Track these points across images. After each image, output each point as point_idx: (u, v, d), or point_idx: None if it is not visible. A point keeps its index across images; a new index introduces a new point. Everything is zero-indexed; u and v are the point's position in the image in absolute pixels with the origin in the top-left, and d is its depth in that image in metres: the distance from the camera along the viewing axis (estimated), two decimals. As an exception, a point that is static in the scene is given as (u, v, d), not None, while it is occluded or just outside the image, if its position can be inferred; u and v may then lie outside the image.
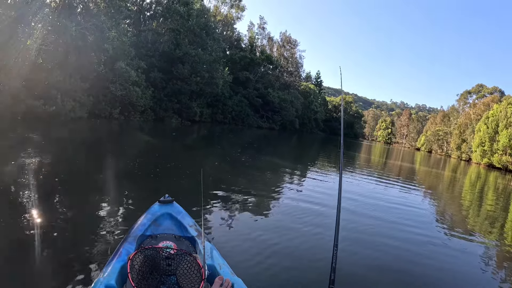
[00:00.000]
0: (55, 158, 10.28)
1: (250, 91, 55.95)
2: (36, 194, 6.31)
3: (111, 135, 19.52)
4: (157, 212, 3.76)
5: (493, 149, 74.51)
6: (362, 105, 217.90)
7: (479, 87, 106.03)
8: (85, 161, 10.57)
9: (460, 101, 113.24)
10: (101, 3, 23.07)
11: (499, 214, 14.81)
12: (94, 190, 7.37)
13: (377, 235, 7.85)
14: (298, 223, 7.27)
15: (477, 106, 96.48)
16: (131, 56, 28.82)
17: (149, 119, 30.34)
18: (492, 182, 33.34)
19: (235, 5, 58.84)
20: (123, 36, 27.81)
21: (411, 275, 5.84)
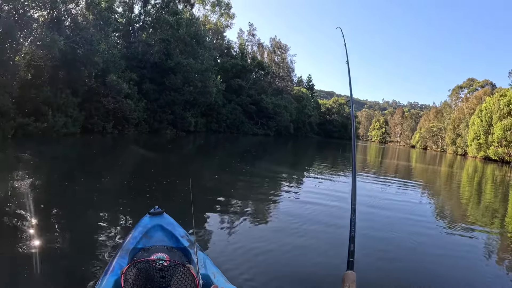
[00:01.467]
0: (45, 178, 9.87)
1: (243, 98, 55.58)
2: (26, 216, 6.12)
3: (104, 151, 19.01)
4: (148, 224, 3.76)
5: (488, 142, 74.78)
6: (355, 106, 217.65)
7: (470, 81, 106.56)
8: (77, 179, 10.15)
9: (452, 96, 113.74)
10: (89, 16, 22.60)
11: (498, 205, 14.94)
12: (86, 207, 7.26)
13: (381, 230, 8.07)
14: (293, 230, 7.12)
15: (469, 100, 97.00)
16: (122, 68, 28.34)
17: (143, 132, 29.78)
18: (489, 175, 33.54)
19: (225, 13, 58.62)
20: (113, 49, 27.38)
21: (416, 266, 6.05)
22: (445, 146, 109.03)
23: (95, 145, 20.38)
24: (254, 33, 71.66)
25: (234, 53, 63.05)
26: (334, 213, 9.25)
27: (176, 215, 4.22)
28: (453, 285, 5.44)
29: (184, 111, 36.25)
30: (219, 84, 43.76)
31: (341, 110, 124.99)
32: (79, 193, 8.51)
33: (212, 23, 57.56)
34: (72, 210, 7.06)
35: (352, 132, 3.55)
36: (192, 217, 3.52)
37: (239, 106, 54.16)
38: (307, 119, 79.79)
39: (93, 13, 23.03)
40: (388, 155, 52.95)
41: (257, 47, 73.64)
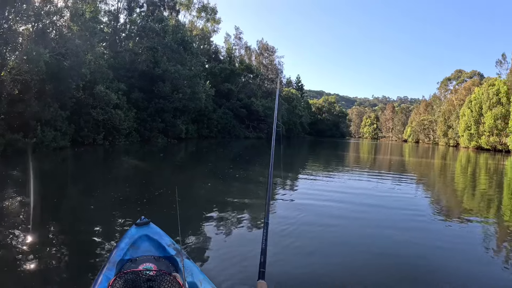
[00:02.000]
0: (35, 195, 9.47)
1: (233, 103, 55.46)
2: (16, 234, 6.16)
3: (95, 163, 18.74)
4: (135, 235, 3.76)
5: (479, 132, 75.42)
6: (345, 104, 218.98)
7: (458, 73, 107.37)
8: (67, 195, 10.04)
9: (441, 88, 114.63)
10: (74, 27, 22.34)
11: (493, 193, 15.08)
12: (76, 222, 7.27)
13: (377, 226, 8.19)
14: (283, 233, 7.03)
15: (458, 91, 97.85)
16: (110, 79, 28.12)
17: (134, 142, 29.53)
18: (483, 164, 33.96)
19: (211, 18, 58.50)
20: (100, 59, 27.15)
21: (413, 261, 6.01)
22: (437, 138, 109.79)
23: (86, 158, 20.13)
24: (241, 36, 71.73)
25: (222, 57, 62.93)
26: (328, 213, 9.20)
27: (167, 224, 4.31)
28: (453, 275, 5.49)
29: (174, 118, 36.03)
30: (208, 90, 43.62)
31: (331, 108, 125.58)
32: (69, 208, 8.50)
33: (199, 29, 57.44)
34: (62, 226, 7.05)
35: (271, 156, 3.56)
36: (178, 226, 3.25)
37: (230, 110, 54.00)
38: (298, 120, 79.88)
39: (78, 24, 22.76)
40: (381, 151, 53.07)
41: (244, 51, 73.66)
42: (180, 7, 52.58)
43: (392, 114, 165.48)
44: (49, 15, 20.95)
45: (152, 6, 38.61)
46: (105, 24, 34.45)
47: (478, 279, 5.45)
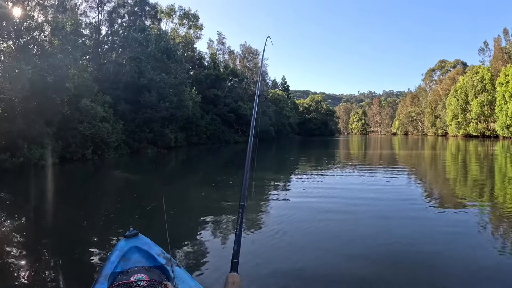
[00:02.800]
0: (24, 216, 9.55)
1: (221, 108, 55.16)
2: (6, 256, 6.03)
3: (85, 179, 18.29)
4: (124, 247, 3.77)
5: (467, 119, 76.93)
6: (332, 101, 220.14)
7: (442, 63, 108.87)
8: (57, 213, 9.69)
9: (426, 79, 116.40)
10: (55, 41, 21.95)
11: (485, 179, 15.38)
12: (68, 240, 7.19)
13: (373, 218, 8.39)
14: (274, 236, 6.98)
15: (443, 81, 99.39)
16: (95, 92, 27.65)
17: (124, 154, 29.03)
18: (472, 150, 34.74)
19: (193, 25, 58.21)
20: (84, 72, 26.73)
21: (410, 251, 6.09)
22: (425, 129, 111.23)
23: (75, 174, 19.71)
24: (224, 41, 71.50)
25: (206, 63, 62.63)
26: (320, 209, 9.34)
27: (157, 234, 4.49)
28: (451, 263, 5.56)
29: (162, 127, 35.63)
30: (194, 97, 43.33)
31: (319, 107, 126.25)
32: (59, 225, 8.39)
33: (181, 36, 57.10)
34: (52, 243, 7.04)
35: (251, 128, 3.52)
36: (167, 235, 3.20)
37: (218, 116, 53.72)
38: (287, 121, 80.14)
39: (59, 38, 22.36)
40: (371, 145, 53.62)
41: (228, 55, 73.44)
42: (162, 16, 52.30)
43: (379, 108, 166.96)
44: (30, 31, 20.58)
45: (133, 16, 38.27)
46: (87, 36, 34.01)
47: (476, 263, 5.56)
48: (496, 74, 67.60)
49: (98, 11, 36.63)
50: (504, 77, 61.46)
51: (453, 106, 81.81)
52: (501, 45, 70.74)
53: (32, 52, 21.01)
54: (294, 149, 44.93)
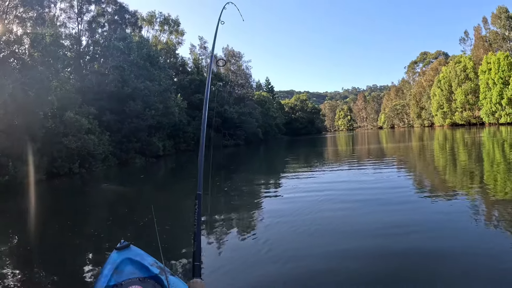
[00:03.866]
0: (11, 238, 9.16)
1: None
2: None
3: (74, 194, 17.61)
4: (116, 260, 3.71)
5: (452, 109, 78.24)
6: (317, 100, 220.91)
7: (424, 55, 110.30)
8: (46, 232, 9.36)
9: (409, 72, 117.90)
10: (35, 53, 21.32)
11: (474, 166, 15.55)
12: (59, 258, 6.99)
13: (365, 213, 8.39)
14: (268, 241, 6.81)
15: (426, 73, 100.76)
16: (79, 104, 27.01)
17: (112, 166, 28.38)
18: (459, 139, 35.36)
19: (174, 30, 57.69)
20: (66, 84, 26.09)
21: (404, 243, 6.13)
22: (411, 121, 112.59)
23: (63, 190, 19.01)
24: (206, 45, 71.06)
25: (189, 69, 62.27)
26: (311, 206, 9.35)
27: (151, 245, 4.70)
28: (447, 249, 5.69)
29: (149, 136, 35.07)
30: (180, 103, 42.82)
31: (304, 106, 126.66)
32: (49, 244, 8.12)
33: (163, 43, 56.54)
34: (44, 260, 6.93)
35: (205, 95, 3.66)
36: (159, 244, 3.32)
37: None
38: (273, 121, 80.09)
39: (39, 49, 21.72)
40: (358, 141, 53.70)
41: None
42: (143, 23, 51.70)
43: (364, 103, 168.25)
44: (9, 45, 19.96)
45: (113, 24, 37.62)
46: (68, 48, 33.31)
47: (470, 247, 5.72)
48: (478, 62, 69.01)
49: (78, 22, 35.93)
50: (486, 65, 62.83)
51: (438, 97, 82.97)
52: (481, 34, 72.07)
53: (11, 66, 20.36)
54: (282, 150, 44.77)
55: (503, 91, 59.59)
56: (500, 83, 59.69)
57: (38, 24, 24.73)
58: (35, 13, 25.20)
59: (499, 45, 65.91)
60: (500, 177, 11.95)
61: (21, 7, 23.60)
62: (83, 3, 36.02)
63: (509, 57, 58.94)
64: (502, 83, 59.55)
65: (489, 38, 68.96)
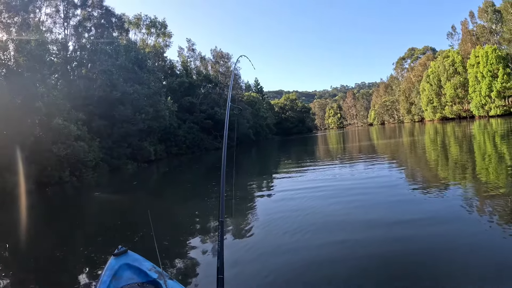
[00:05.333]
0: (6, 250, 8.82)
1: (197, 115, 54.16)
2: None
3: (65, 204, 16.93)
4: (115, 266, 3.75)
5: (442, 103, 79.18)
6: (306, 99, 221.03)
7: (411, 51, 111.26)
8: (42, 241, 9.23)
9: (397, 68, 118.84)
10: (20, 58, 20.64)
11: (466, 158, 15.79)
12: (56, 265, 7.06)
13: (361, 209, 8.40)
14: (264, 244, 6.77)
15: (415, 68, 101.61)
16: (67, 110, 26.31)
17: (103, 172, 27.69)
18: (450, 133, 36.01)
19: (161, 33, 57.06)
20: (54, 90, 25.38)
21: (401, 235, 6.26)
22: (402, 116, 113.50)
23: (54, 200, 18.30)
24: (194, 48, 70.52)
25: (178, 71, 61.63)
26: (304, 204, 9.50)
27: (147, 250, 4.57)
28: (440, 238, 5.87)
29: (140, 141, 34.48)
30: (170, 105, 42.19)
31: (294, 105, 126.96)
32: (45, 255, 7.82)
33: (150, 46, 55.85)
34: (42, 271, 6.75)
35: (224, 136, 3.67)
36: (156, 248, 3.37)
37: (195, 124, 52.60)
38: (264, 122, 79.90)
39: (24, 54, 21.04)
40: (349, 138, 53.73)
41: (200, 61, 72.52)
42: (129, 26, 50.99)
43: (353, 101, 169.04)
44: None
45: (100, 28, 36.86)
46: (54, 54, 32.58)
47: (466, 238, 5.82)
48: (466, 56, 69.82)
49: (64, 27, 35.13)
50: (475, 59, 63.47)
51: (427, 92, 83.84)
52: (469, 28, 72.52)
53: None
54: (274, 150, 44.43)
55: (492, 84, 60.28)
56: (489, 76, 60.31)
57: (23, 30, 24.06)
58: (20, 18, 24.53)
59: (487, 38, 66.43)
60: (492, 169, 12.04)
61: (6, 12, 22.94)
62: (69, 8, 35.25)
63: (497, 50, 59.68)
64: (491, 76, 60.22)
65: (477, 32, 69.55)
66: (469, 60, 65.05)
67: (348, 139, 50.60)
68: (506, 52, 60.61)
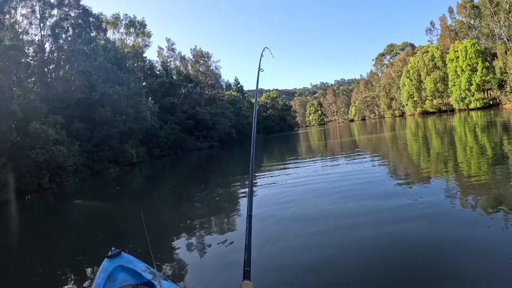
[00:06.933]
0: None
1: (178, 116, 53.40)
2: None
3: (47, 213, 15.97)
4: (108, 268, 3.71)
5: (422, 97, 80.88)
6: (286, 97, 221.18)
7: (390, 47, 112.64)
8: (26, 253, 8.59)
9: (377, 64, 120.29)
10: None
11: (448, 151, 15.89)
12: (46, 273, 6.75)
13: (344, 207, 8.12)
14: (253, 241, 6.30)
15: (394, 64, 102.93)
16: (45, 113, 25.26)
17: (85, 177, 26.68)
18: (431, 126, 36.69)
19: (140, 33, 55.96)
20: (30, 93, 24.32)
21: (385, 232, 6.10)
22: (382, 112, 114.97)
23: (34, 209, 17.30)
24: (174, 47, 69.85)
25: (158, 72, 60.74)
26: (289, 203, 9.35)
27: (139, 251, 4.84)
28: (425, 232, 5.84)
29: (122, 143, 33.47)
30: (151, 106, 41.26)
31: (275, 103, 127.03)
32: (34, 265, 7.43)
33: (129, 46, 54.68)
34: (33, 282, 6.36)
35: (252, 138, 3.62)
36: (150, 249, 3.27)
37: (176, 124, 51.83)
38: (245, 121, 79.36)
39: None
40: (330, 135, 53.86)
41: (179, 61, 71.74)
42: (107, 26, 49.78)
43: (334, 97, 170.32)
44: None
45: (78, 28, 35.76)
46: (32, 56, 31.42)
47: (450, 229, 5.79)
48: (445, 51, 71.25)
49: (41, 27, 33.90)
50: (454, 53, 64.77)
51: (407, 86, 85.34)
52: (447, 24, 73.78)
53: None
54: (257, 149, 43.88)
55: (471, 77, 61.39)
56: (468, 70, 61.45)
57: (-3, 30, 22.98)
58: (-7, 17, 23.43)
59: (465, 33, 67.59)
60: (473, 161, 12.10)
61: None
62: (45, 8, 34.04)
63: (476, 45, 60.89)
64: (470, 70, 61.34)
65: (455, 27, 70.74)
66: (449, 55, 66.24)
67: (330, 136, 50.66)
68: (485, 46, 61.78)
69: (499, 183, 8.35)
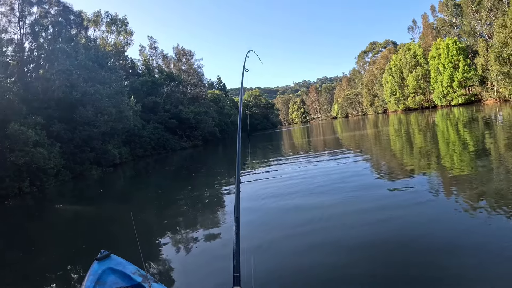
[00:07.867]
0: None
1: (161, 115, 52.79)
2: None
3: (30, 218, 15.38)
4: (98, 270, 3.66)
5: (405, 94, 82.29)
6: (269, 95, 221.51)
7: (373, 45, 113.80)
8: (10, 264, 8.17)
9: (359, 62, 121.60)
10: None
11: (430, 147, 16.21)
12: (34, 281, 6.57)
13: (328, 206, 8.12)
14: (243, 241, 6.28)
15: (377, 61, 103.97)
16: (24, 114, 24.49)
17: (66, 180, 25.94)
18: (414, 122, 37.59)
19: (122, 31, 55.02)
20: (7, 93, 23.53)
21: (370, 229, 6.18)
22: (365, 109, 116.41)
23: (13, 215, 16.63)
24: (156, 46, 69.05)
25: (140, 71, 60.01)
26: None
27: (128, 254, 4.37)
28: (410, 225, 6.03)
29: (104, 144, 32.79)
30: (134, 106, 40.57)
31: (258, 102, 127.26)
32: (17, 273, 7.30)
33: (111, 45, 53.71)
34: None
35: (237, 142, 3.56)
36: (140, 251, 3.13)
37: (159, 124, 51.23)
38: (229, 119, 79.20)
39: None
40: (313, 132, 54.12)
41: (162, 60, 71.02)
42: (88, 24, 48.77)
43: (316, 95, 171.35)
44: None
45: (58, 26, 34.75)
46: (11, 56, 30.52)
47: (435, 222, 5.98)
48: (427, 49, 72.81)
49: (20, 26, 32.86)
50: (436, 51, 66.15)
51: (390, 84, 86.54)
52: (429, 21, 74.75)
53: None
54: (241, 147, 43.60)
55: (453, 74, 62.83)
56: (450, 67, 62.84)
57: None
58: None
59: (447, 31, 68.66)
60: (456, 156, 12.48)
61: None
62: (25, 5, 32.97)
63: (457, 42, 62.10)
64: (452, 67, 62.75)
65: (437, 25, 71.87)
66: (431, 52, 67.59)
67: (313, 133, 50.89)
68: (466, 44, 62.92)
69: (482, 176, 8.65)
